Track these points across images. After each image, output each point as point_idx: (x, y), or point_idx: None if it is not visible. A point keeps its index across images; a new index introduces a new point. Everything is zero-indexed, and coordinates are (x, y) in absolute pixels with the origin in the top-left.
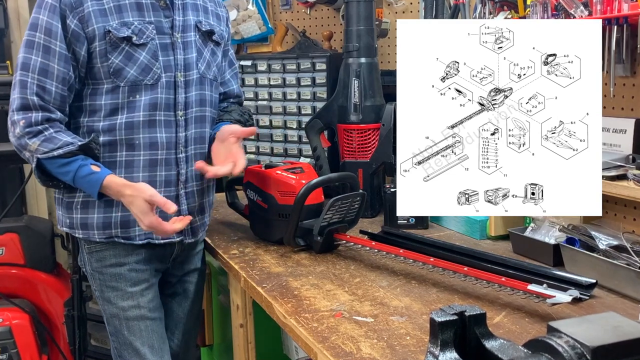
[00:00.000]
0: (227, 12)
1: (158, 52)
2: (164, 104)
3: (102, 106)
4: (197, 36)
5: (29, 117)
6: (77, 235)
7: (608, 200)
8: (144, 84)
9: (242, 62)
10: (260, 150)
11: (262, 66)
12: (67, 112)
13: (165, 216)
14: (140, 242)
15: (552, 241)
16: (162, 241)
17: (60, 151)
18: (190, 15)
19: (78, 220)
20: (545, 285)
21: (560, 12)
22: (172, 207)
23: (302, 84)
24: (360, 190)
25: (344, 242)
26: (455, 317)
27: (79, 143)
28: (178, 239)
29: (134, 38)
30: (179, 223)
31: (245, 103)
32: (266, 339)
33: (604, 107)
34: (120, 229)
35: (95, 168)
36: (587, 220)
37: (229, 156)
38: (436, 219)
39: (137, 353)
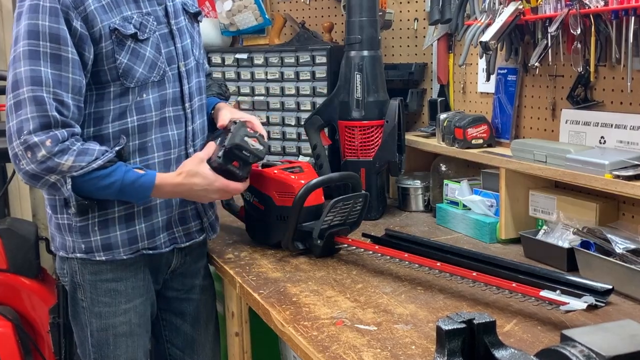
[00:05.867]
0: None
1: (160, 45)
2: (172, 99)
3: (110, 112)
4: (186, 20)
5: (54, 135)
6: (96, 258)
7: (625, 202)
8: (151, 81)
9: (238, 55)
10: None
11: (258, 59)
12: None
13: (185, 217)
14: (166, 249)
15: (566, 245)
16: (187, 243)
17: (100, 162)
18: None
19: (99, 242)
20: (558, 291)
21: (574, 2)
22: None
23: (301, 78)
24: (363, 191)
25: (346, 245)
26: (463, 326)
27: (116, 149)
28: (200, 237)
29: (138, 34)
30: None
31: (241, 99)
32: (263, 349)
33: (620, 103)
34: (147, 240)
35: (139, 171)
36: (603, 222)
37: None
38: (443, 221)
39: None
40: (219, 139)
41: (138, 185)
